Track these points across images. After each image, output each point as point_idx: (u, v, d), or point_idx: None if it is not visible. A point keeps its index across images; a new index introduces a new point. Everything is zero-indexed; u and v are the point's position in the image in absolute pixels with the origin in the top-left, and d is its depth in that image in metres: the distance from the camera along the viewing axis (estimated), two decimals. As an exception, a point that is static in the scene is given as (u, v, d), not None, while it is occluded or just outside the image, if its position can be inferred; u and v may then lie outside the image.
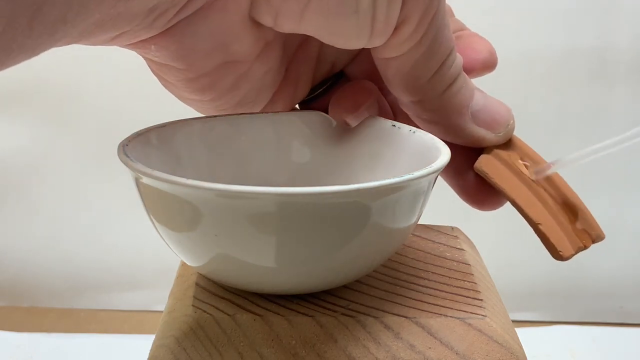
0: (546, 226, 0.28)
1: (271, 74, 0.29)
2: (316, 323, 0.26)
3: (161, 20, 0.24)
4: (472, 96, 0.29)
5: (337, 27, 0.25)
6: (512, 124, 0.29)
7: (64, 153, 0.62)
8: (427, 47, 0.26)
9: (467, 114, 0.28)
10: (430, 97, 0.28)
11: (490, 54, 0.29)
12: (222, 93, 0.28)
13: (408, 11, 0.25)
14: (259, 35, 0.27)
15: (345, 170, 0.30)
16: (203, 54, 0.26)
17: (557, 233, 0.28)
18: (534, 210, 0.28)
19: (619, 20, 0.58)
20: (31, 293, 0.64)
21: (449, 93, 0.28)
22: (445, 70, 0.27)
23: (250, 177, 0.30)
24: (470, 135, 0.29)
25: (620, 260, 0.63)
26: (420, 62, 0.27)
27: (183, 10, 0.24)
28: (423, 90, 0.27)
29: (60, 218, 0.63)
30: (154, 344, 0.27)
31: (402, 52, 0.26)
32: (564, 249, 0.28)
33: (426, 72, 0.27)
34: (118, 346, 0.56)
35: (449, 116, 0.28)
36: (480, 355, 0.26)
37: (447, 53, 0.27)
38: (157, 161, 0.26)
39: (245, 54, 0.27)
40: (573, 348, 0.57)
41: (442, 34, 0.26)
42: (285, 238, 0.23)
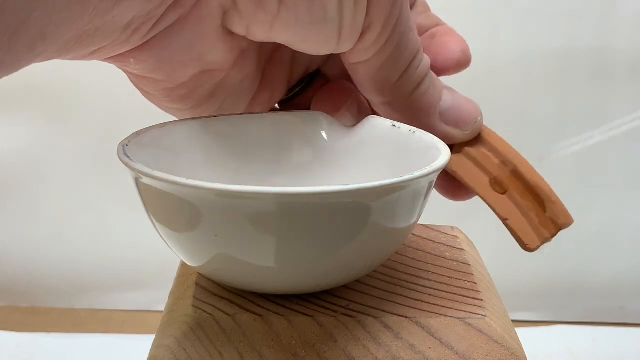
0: (513, 221, 0.30)
1: (248, 80, 0.30)
2: (316, 323, 0.26)
3: (138, 35, 0.24)
4: (440, 96, 0.30)
5: (306, 36, 0.26)
6: (480, 121, 0.30)
7: (64, 153, 0.62)
8: (392, 50, 0.27)
9: (435, 113, 0.29)
10: (399, 99, 0.28)
11: (463, 52, 0.30)
12: (201, 101, 0.29)
13: (372, 17, 0.26)
14: (234, 44, 0.27)
15: (345, 170, 0.30)
16: (180, 65, 0.27)
17: (524, 227, 0.30)
18: (501, 205, 0.30)
19: (619, 20, 0.58)
20: (31, 293, 0.64)
21: (416, 94, 0.29)
22: (412, 72, 0.28)
23: (251, 177, 0.30)
24: (439, 134, 0.30)
25: (620, 260, 0.63)
26: (387, 66, 0.28)
27: (158, 24, 0.25)
28: (391, 92, 0.28)
29: (60, 218, 0.63)
30: (154, 344, 0.27)
31: (369, 57, 0.27)
32: (530, 241, 0.30)
33: (393, 75, 0.28)
34: (118, 346, 0.56)
35: (418, 116, 0.29)
36: (480, 355, 0.26)
37: (412, 55, 0.28)
38: (157, 161, 0.26)
39: (221, 63, 0.28)
40: (573, 348, 0.57)
41: (407, 38, 0.27)
42: (285, 238, 0.23)
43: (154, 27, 0.25)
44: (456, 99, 0.30)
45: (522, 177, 0.30)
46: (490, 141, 0.30)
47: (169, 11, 0.25)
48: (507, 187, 0.30)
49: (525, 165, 0.30)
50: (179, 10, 0.25)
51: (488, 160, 0.30)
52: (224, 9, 0.25)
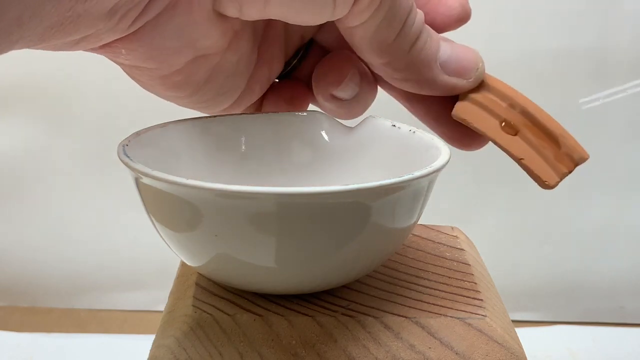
0: (528, 159, 0.29)
1: (243, 60, 0.29)
2: (316, 323, 0.26)
3: (124, 23, 0.24)
4: (438, 48, 0.29)
5: (302, 7, 0.26)
6: (482, 67, 0.30)
7: (64, 153, 0.62)
8: (386, 10, 0.27)
9: (436, 66, 0.29)
10: (398, 57, 0.29)
11: (462, 6, 0.30)
12: (197, 87, 0.28)
13: None
14: (226, 27, 0.27)
15: (345, 170, 0.30)
16: (172, 52, 0.26)
17: (540, 164, 0.29)
18: (515, 146, 0.29)
19: (619, 20, 0.58)
20: (31, 293, 0.64)
21: (415, 50, 0.29)
22: (408, 29, 0.28)
23: (250, 178, 0.30)
24: (442, 85, 0.30)
25: (620, 260, 0.63)
26: (383, 26, 0.28)
27: (146, 12, 0.24)
28: (389, 51, 0.28)
29: (60, 218, 0.63)
30: (154, 344, 0.27)
31: (364, 20, 0.27)
32: (549, 178, 0.29)
33: (390, 34, 0.28)
34: (118, 346, 0.55)
35: (419, 71, 0.29)
36: (480, 355, 0.26)
37: (407, 13, 0.28)
38: (157, 161, 0.26)
39: (215, 47, 0.27)
40: (573, 348, 0.57)
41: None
42: (285, 238, 0.23)
43: (141, 14, 0.24)
44: (455, 48, 0.30)
45: (532, 117, 0.29)
46: (495, 86, 0.30)
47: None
48: (518, 128, 0.30)
49: (533, 105, 0.30)
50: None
51: (495, 104, 0.30)
52: None
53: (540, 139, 0.29)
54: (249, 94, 0.31)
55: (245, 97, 0.31)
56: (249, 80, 0.30)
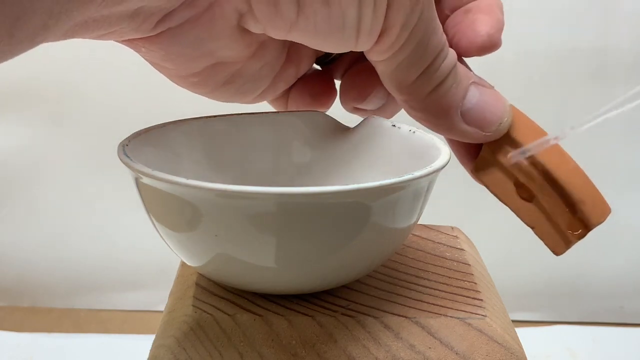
0: (539, 229, 0.29)
1: (268, 65, 0.29)
2: (316, 323, 0.26)
3: (146, 25, 0.24)
4: (465, 94, 0.28)
5: (323, 40, 0.26)
6: (506, 121, 0.29)
7: (64, 153, 0.62)
8: (408, 53, 0.27)
9: (456, 114, 0.28)
10: (417, 98, 0.28)
11: (489, 36, 0.29)
12: (215, 87, 0.28)
13: (389, 22, 0.25)
14: (251, 40, 0.27)
15: (345, 170, 0.30)
16: (190, 58, 0.26)
17: (550, 234, 0.29)
18: (528, 213, 0.29)
19: (619, 20, 0.58)
20: (31, 293, 0.64)
21: (435, 94, 0.28)
22: (431, 74, 0.27)
23: (251, 177, 0.30)
24: (459, 133, 0.28)
25: (620, 260, 0.63)
26: (403, 67, 0.27)
27: (168, 20, 0.24)
28: (408, 90, 0.28)
29: (60, 218, 0.63)
30: (154, 344, 0.27)
31: (386, 57, 0.27)
32: (557, 248, 0.29)
33: (410, 76, 0.27)
34: (118, 346, 0.55)
35: (437, 116, 0.28)
36: (480, 355, 0.26)
37: (432, 58, 0.27)
38: (157, 161, 0.26)
39: (237, 57, 0.27)
40: (573, 348, 0.57)
41: (427, 40, 0.27)
42: (285, 238, 0.23)
43: (163, 20, 0.24)
44: (483, 97, 0.28)
45: (552, 179, 0.28)
46: (520, 140, 0.29)
47: (180, 9, 0.24)
48: (534, 193, 0.28)
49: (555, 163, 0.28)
50: (192, 9, 0.24)
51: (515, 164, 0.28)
52: (239, 12, 0.25)
53: (556, 206, 0.28)
54: (272, 90, 0.30)
55: (269, 93, 0.30)
56: (275, 78, 0.30)
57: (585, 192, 0.28)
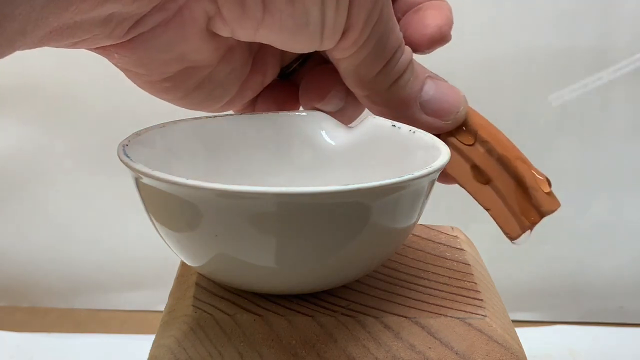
0: (494, 210, 0.30)
1: (236, 71, 0.30)
2: (316, 323, 0.26)
3: (118, 32, 0.25)
4: (422, 87, 0.30)
5: (290, 38, 0.27)
6: (462, 110, 0.30)
7: (64, 153, 0.62)
8: (370, 49, 0.28)
9: (415, 105, 0.30)
10: (377, 92, 0.29)
11: (438, 28, 0.30)
12: (187, 92, 0.29)
13: (352, 19, 0.27)
14: (219, 44, 0.28)
15: (345, 170, 0.30)
16: (162, 63, 0.27)
17: (506, 216, 0.30)
18: (483, 195, 0.30)
19: (619, 20, 0.58)
20: (31, 293, 0.64)
21: (394, 88, 0.29)
22: (390, 68, 0.29)
23: (250, 177, 0.30)
24: (419, 124, 0.30)
25: (620, 260, 0.63)
26: (365, 62, 0.28)
27: (140, 25, 0.25)
28: (370, 85, 0.29)
29: (60, 218, 0.63)
30: (154, 344, 0.27)
31: (349, 54, 0.28)
32: (511, 231, 0.30)
33: (371, 70, 0.29)
34: (118, 346, 0.55)
35: (397, 108, 0.30)
36: (480, 355, 0.26)
37: (391, 53, 0.29)
38: (157, 161, 0.26)
39: (206, 61, 0.28)
40: (573, 348, 0.57)
41: (387, 37, 0.28)
42: (285, 238, 0.23)
43: (135, 26, 0.25)
44: (439, 89, 0.30)
45: (507, 165, 0.30)
46: (476, 129, 0.30)
47: (151, 13, 0.25)
48: (490, 177, 0.30)
49: (510, 152, 0.30)
50: (162, 13, 0.25)
51: (472, 150, 0.30)
52: (208, 15, 0.26)
53: (511, 190, 0.30)
54: (239, 97, 0.31)
55: (236, 100, 0.31)
56: (242, 85, 0.31)
57: (536, 181, 0.30)
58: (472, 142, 0.30)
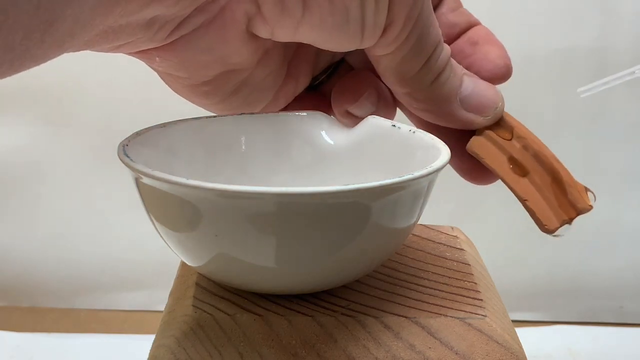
0: (532, 201, 0.30)
1: (272, 75, 0.30)
2: (316, 323, 0.26)
3: (161, 34, 0.25)
4: (461, 84, 0.30)
5: (330, 36, 0.27)
6: (501, 107, 0.31)
7: (64, 153, 0.62)
8: (412, 45, 0.28)
9: (456, 101, 0.30)
10: (419, 89, 0.29)
11: (506, 67, 0.31)
12: (224, 97, 0.29)
13: (393, 15, 0.27)
14: (258, 45, 0.28)
15: (345, 170, 0.30)
16: (203, 65, 0.28)
17: (543, 208, 0.30)
18: (521, 186, 0.30)
19: (619, 20, 0.58)
20: (31, 293, 0.64)
21: (436, 84, 0.29)
22: (432, 64, 0.29)
23: (251, 177, 0.30)
24: (459, 120, 0.30)
25: (620, 260, 0.63)
26: (407, 59, 0.28)
27: (182, 27, 0.26)
28: (411, 82, 0.29)
29: (60, 218, 0.63)
30: (154, 344, 0.27)
31: (390, 51, 0.28)
32: (549, 222, 0.30)
33: (413, 67, 0.29)
34: (118, 346, 0.55)
35: (438, 104, 0.30)
36: (480, 355, 0.26)
37: (432, 49, 0.29)
38: (157, 161, 0.26)
39: (245, 63, 0.28)
40: (573, 348, 0.57)
41: (427, 32, 0.28)
42: (285, 238, 0.23)
43: (177, 28, 0.25)
44: (477, 86, 0.30)
45: (543, 162, 0.30)
46: (513, 125, 0.31)
47: (193, 15, 0.25)
48: (527, 170, 0.30)
49: (546, 150, 0.30)
50: (204, 14, 0.26)
51: (509, 144, 0.31)
52: (248, 15, 0.26)
53: (547, 184, 0.30)
54: (273, 105, 0.32)
55: (270, 108, 0.32)
56: (276, 93, 0.31)
57: (570, 178, 0.30)
58: (510, 137, 0.31)
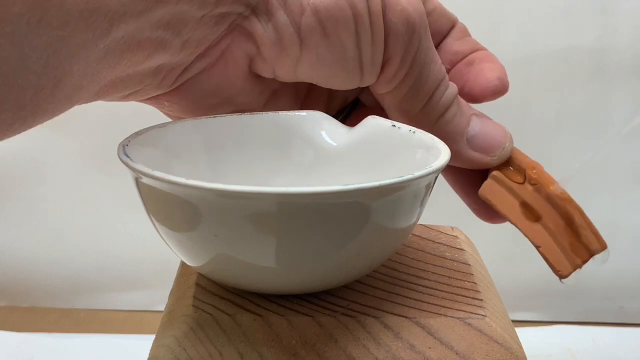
0: (545, 248, 0.30)
1: None
2: (316, 323, 0.26)
3: (167, 80, 0.26)
4: (468, 123, 0.30)
5: (329, 73, 0.27)
6: (508, 147, 0.30)
7: (64, 153, 0.62)
8: (412, 82, 0.28)
9: (462, 140, 0.30)
10: (424, 126, 0.29)
11: (500, 80, 0.31)
12: None
13: (389, 52, 0.27)
14: (264, 87, 0.29)
15: (346, 170, 0.30)
16: (210, 107, 0.28)
17: (556, 254, 0.30)
18: (534, 232, 0.30)
19: (619, 20, 0.58)
20: (31, 293, 0.64)
21: (441, 122, 0.30)
22: (435, 103, 0.29)
23: (250, 177, 0.30)
24: (466, 159, 0.30)
25: (620, 260, 0.63)
26: (409, 97, 0.29)
27: (186, 72, 0.27)
28: (416, 119, 0.29)
29: (60, 218, 0.63)
30: (154, 344, 0.27)
31: (391, 89, 0.28)
32: (563, 268, 0.30)
33: (415, 105, 0.29)
34: (118, 346, 0.55)
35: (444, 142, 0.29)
36: (480, 355, 0.26)
37: (434, 86, 0.29)
38: (157, 161, 0.26)
39: (252, 104, 0.29)
40: (573, 348, 0.57)
41: (428, 69, 0.28)
42: (285, 238, 0.23)
43: (182, 74, 0.26)
44: (484, 126, 0.30)
45: (556, 204, 0.30)
46: (524, 167, 0.31)
47: (196, 60, 0.26)
48: (540, 215, 0.30)
49: (558, 191, 0.30)
50: (207, 58, 0.26)
51: (522, 187, 0.30)
52: (249, 56, 0.27)
53: (560, 229, 0.30)
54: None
55: None
56: None
57: (584, 219, 0.30)
58: (522, 180, 0.30)
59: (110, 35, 0.21)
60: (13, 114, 0.20)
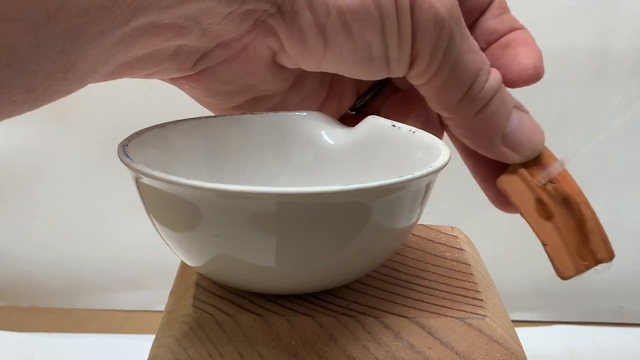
0: (551, 247, 0.30)
1: (309, 98, 0.30)
2: (316, 323, 0.26)
3: (186, 64, 0.26)
4: (509, 117, 0.29)
5: (355, 70, 0.27)
6: (540, 148, 0.30)
7: (65, 153, 0.62)
8: (446, 75, 0.27)
9: (498, 136, 0.29)
10: (463, 117, 0.28)
11: (535, 69, 0.30)
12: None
13: (418, 49, 0.26)
14: (287, 74, 0.28)
15: (345, 170, 0.30)
16: (230, 94, 0.28)
17: (562, 254, 0.30)
18: (543, 229, 0.30)
19: (619, 20, 0.58)
20: (31, 293, 0.64)
21: (482, 114, 0.28)
22: (475, 94, 0.28)
23: (251, 177, 0.30)
24: (496, 153, 0.30)
25: (620, 260, 0.63)
26: (444, 89, 0.28)
27: (206, 59, 0.26)
28: (455, 110, 0.28)
29: (60, 218, 0.63)
30: (154, 344, 0.27)
31: (424, 81, 0.27)
32: (565, 270, 0.30)
33: (453, 97, 0.28)
34: (118, 346, 0.55)
35: (480, 134, 0.29)
36: (480, 355, 0.26)
37: (472, 78, 0.28)
38: (157, 161, 0.26)
39: (275, 90, 0.29)
40: (573, 348, 0.57)
41: (463, 61, 0.27)
42: (285, 238, 0.23)
43: (202, 60, 0.26)
44: (523, 124, 0.30)
45: (571, 206, 0.30)
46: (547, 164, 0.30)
47: (217, 49, 0.26)
48: (553, 213, 0.30)
49: (577, 195, 0.30)
50: (227, 50, 0.26)
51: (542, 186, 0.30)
52: (272, 50, 0.26)
53: (570, 230, 0.30)
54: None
55: None
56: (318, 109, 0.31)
57: (597, 226, 0.30)
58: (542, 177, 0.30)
59: (129, 24, 0.21)
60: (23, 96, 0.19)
